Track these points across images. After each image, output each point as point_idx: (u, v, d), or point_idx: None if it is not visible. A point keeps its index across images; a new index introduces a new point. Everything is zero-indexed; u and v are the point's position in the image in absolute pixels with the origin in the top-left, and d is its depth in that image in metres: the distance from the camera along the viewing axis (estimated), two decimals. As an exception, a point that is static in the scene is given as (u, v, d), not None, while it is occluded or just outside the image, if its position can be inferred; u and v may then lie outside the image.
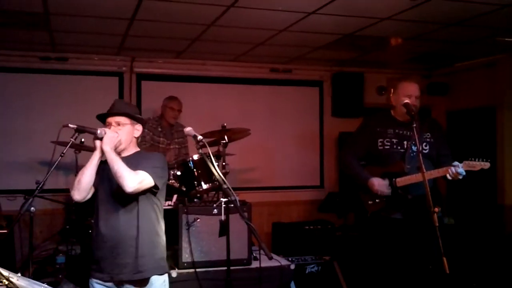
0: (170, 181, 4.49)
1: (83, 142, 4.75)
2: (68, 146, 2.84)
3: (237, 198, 2.91)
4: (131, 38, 5.59)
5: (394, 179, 3.89)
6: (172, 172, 4.61)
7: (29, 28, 5.16)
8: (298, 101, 7.28)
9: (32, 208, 3.19)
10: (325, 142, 7.41)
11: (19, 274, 2.39)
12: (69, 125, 2.81)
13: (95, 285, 3.03)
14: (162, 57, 6.61)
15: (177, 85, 6.67)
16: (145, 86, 6.65)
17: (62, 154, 2.81)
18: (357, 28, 5.22)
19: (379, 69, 7.37)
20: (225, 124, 4.81)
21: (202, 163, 4.53)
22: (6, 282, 2.31)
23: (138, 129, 3.10)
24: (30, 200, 2.85)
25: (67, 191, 4.37)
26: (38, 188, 2.74)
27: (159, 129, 5.64)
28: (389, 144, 4.00)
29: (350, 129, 6.48)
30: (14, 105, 6.19)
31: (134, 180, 2.80)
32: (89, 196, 2.98)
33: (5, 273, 2.34)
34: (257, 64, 6.97)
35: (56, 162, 2.75)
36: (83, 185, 2.89)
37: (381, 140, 4.01)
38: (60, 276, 4.79)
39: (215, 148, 4.85)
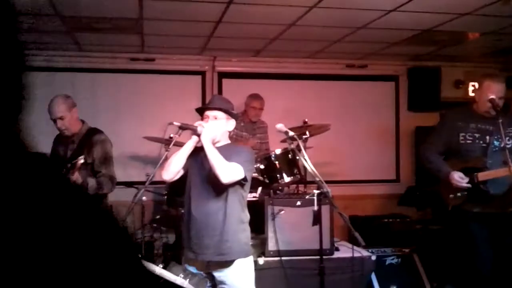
0: (254, 174, 4.74)
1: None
2: (172, 143, 3.16)
3: (329, 191, 3.09)
4: (214, 39, 5.86)
5: (475, 174, 3.91)
6: (256, 166, 4.84)
7: (123, 32, 5.51)
8: (373, 96, 7.30)
9: (144, 198, 3.53)
10: (401, 137, 7.40)
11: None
12: (174, 123, 3.12)
13: (187, 266, 3.28)
14: (241, 56, 6.85)
15: (256, 82, 6.87)
16: (225, 83, 6.90)
17: (168, 149, 3.13)
18: (435, 23, 5.23)
19: (455, 63, 7.27)
20: (306, 120, 4.99)
21: (284, 157, 4.75)
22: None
23: (231, 124, 3.35)
24: (142, 190, 3.18)
25: (157, 183, 4.67)
26: (149, 179, 3.06)
27: (242, 124, 5.84)
28: (471, 138, 4.01)
29: (427, 123, 6.53)
30: (104, 103, 6.53)
31: (230, 171, 3.07)
32: (176, 178, 3.25)
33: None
34: (332, 60, 7.05)
35: (164, 156, 3.06)
36: (172, 168, 3.17)
37: (462, 134, 4.03)
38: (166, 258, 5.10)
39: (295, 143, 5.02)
